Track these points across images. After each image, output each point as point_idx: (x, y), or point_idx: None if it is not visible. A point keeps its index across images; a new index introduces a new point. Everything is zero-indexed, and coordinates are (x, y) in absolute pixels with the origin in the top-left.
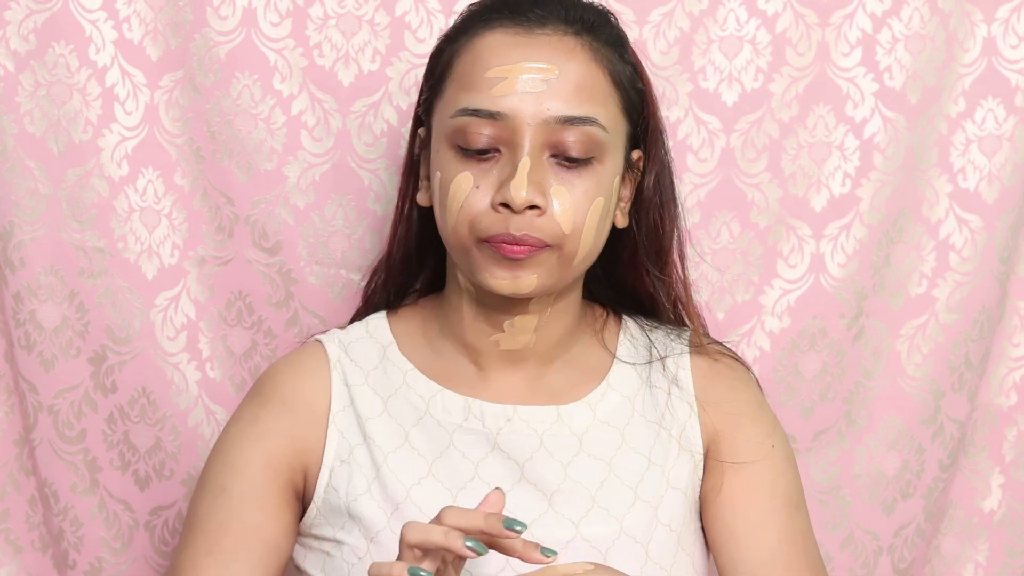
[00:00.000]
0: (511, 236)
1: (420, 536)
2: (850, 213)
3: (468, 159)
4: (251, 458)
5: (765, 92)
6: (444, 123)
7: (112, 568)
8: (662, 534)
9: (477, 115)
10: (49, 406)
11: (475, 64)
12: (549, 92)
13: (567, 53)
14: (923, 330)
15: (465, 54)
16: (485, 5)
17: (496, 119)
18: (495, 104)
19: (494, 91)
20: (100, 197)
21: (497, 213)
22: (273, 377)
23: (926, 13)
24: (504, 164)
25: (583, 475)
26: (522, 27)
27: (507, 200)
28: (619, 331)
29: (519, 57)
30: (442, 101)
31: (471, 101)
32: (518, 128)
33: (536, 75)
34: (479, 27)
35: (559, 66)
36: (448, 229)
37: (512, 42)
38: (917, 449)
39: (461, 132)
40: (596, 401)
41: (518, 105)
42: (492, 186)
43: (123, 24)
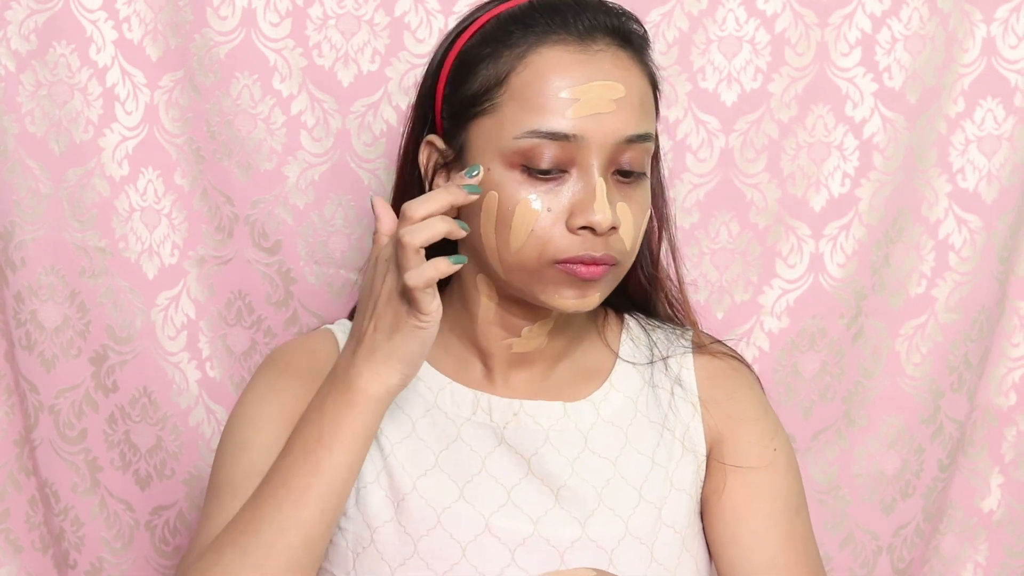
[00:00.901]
0: (592, 257)
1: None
2: (849, 213)
3: (532, 180)
4: (270, 412)
5: (764, 92)
6: (503, 143)
7: (113, 568)
8: (667, 535)
9: (552, 138)
10: (50, 406)
11: (540, 83)
12: (619, 112)
13: (626, 70)
14: (922, 330)
15: (523, 71)
16: (523, 13)
17: (569, 141)
18: (571, 127)
19: (569, 113)
20: (101, 197)
21: (575, 236)
22: (286, 353)
23: (925, 13)
24: (572, 184)
25: (589, 473)
26: (577, 41)
27: (591, 224)
28: (621, 330)
29: (586, 76)
30: (495, 119)
31: (544, 123)
32: (591, 149)
33: (605, 94)
34: (530, 40)
35: (623, 83)
36: (510, 251)
37: (574, 59)
38: (916, 449)
39: (528, 153)
40: (600, 400)
41: (592, 127)
42: (564, 208)
43: (123, 24)
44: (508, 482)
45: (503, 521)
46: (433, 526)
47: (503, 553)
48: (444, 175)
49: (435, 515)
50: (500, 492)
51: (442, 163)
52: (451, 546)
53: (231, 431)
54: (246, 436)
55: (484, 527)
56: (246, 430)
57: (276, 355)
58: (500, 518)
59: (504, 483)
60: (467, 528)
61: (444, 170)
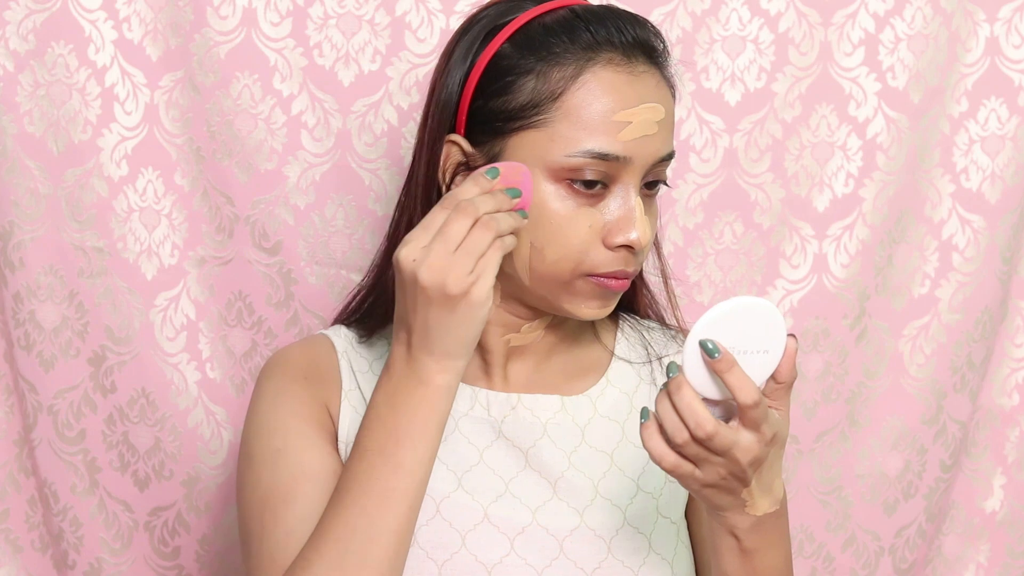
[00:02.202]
0: (625, 273)
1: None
2: (853, 213)
3: (575, 194)
4: (290, 417)
5: (768, 92)
6: (553, 158)
7: (112, 568)
8: (664, 525)
9: (604, 159)
10: (49, 406)
11: (596, 103)
12: (660, 133)
13: (662, 91)
14: (926, 330)
15: (578, 89)
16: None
17: (618, 162)
18: (623, 149)
19: (621, 135)
20: (100, 197)
21: (611, 252)
22: (286, 357)
23: (929, 13)
24: (611, 201)
25: (586, 465)
26: (623, 60)
27: (631, 243)
28: (616, 330)
29: (636, 98)
30: (546, 134)
31: (599, 145)
32: (633, 169)
33: (652, 116)
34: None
35: (663, 104)
36: (546, 262)
37: (625, 80)
38: (919, 449)
39: (578, 171)
40: (597, 395)
41: (638, 148)
42: (602, 224)
43: (123, 24)
44: (506, 474)
45: (502, 511)
46: (432, 515)
47: (502, 542)
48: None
49: (434, 504)
50: (498, 483)
51: (465, 165)
52: (451, 535)
53: (258, 442)
54: (278, 443)
55: (483, 516)
56: (276, 438)
57: (279, 361)
58: (499, 508)
59: (502, 475)
60: (466, 517)
61: (466, 173)
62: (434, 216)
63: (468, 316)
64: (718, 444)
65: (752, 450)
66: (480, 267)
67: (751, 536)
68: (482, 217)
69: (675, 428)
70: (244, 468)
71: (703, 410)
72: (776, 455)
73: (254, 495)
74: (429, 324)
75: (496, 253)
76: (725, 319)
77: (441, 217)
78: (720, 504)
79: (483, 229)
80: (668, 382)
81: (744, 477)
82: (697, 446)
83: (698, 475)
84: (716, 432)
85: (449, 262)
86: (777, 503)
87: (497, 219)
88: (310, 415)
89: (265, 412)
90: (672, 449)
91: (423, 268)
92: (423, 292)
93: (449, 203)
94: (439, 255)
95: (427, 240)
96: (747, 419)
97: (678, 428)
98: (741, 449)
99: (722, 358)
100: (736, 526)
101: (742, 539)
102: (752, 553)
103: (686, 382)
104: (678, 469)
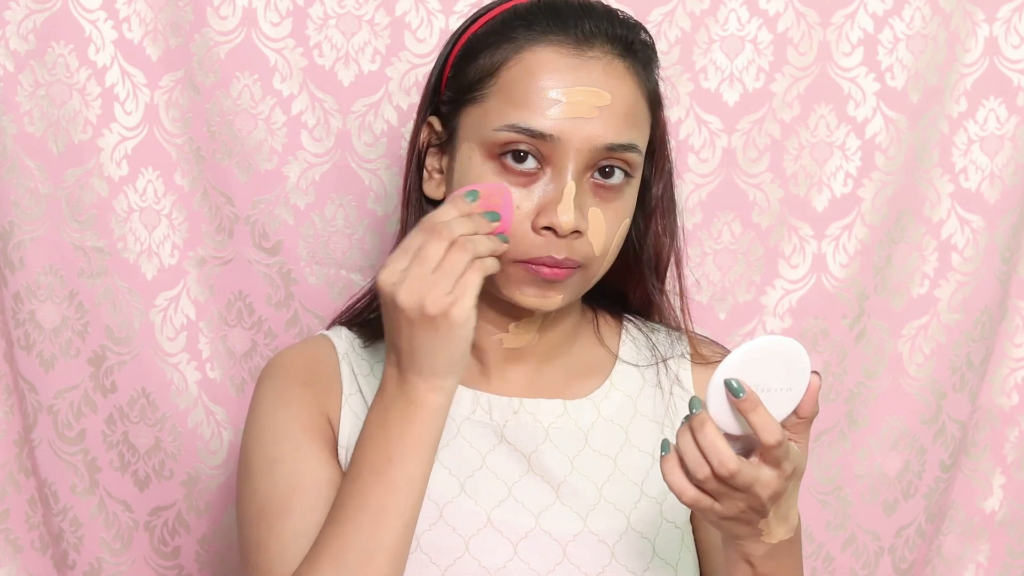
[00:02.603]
0: (553, 259)
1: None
2: (852, 213)
3: (507, 173)
4: (289, 424)
5: (766, 92)
6: (484, 132)
7: (112, 568)
8: (668, 530)
9: (528, 134)
10: (49, 406)
11: (527, 80)
12: (601, 119)
13: (618, 79)
14: (925, 330)
15: (513, 65)
16: (528, 10)
17: (545, 140)
18: (548, 126)
19: (549, 112)
20: (100, 197)
21: (538, 235)
22: (288, 360)
23: (928, 13)
24: (545, 184)
25: (589, 470)
26: (573, 45)
27: (553, 225)
28: (620, 332)
29: (573, 80)
30: (482, 109)
31: (523, 119)
32: (566, 152)
33: (590, 100)
34: (528, 37)
35: (611, 92)
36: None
37: (566, 63)
38: (919, 449)
39: (505, 147)
40: (600, 399)
41: (570, 129)
42: (533, 207)
43: (123, 24)
44: (509, 478)
45: (505, 515)
46: (435, 520)
47: (506, 547)
48: (437, 155)
49: (437, 509)
50: (501, 488)
51: (436, 143)
52: (454, 540)
53: (256, 451)
54: (275, 453)
55: (486, 521)
56: (273, 447)
57: (278, 363)
58: (502, 512)
59: (505, 479)
60: (469, 522)
61: (437, 151)
62: (412, 239)
63: (451, 336)
64: (740, 482)
65: (772, 485)
66: (459, 288)
67: (765, 563)
68: (458, 239)
69: (697, 464)
70: (242, 476)
71: (726, 448)
72: (794, 487)
73: (252, 505)
74: (414, 345)
75: (475, 275)
76: (752, 360)
77: (419, 240)
78: (737, 534)
79: (459, 251)
80: (691, 418)
81: (763, 511)
82: (718, 483)
83: (718, 508)
84: (739, 471)
85: (426, 284)
86: (792, 530)
87: (474, 241)
88: (309, 423)
89: (263, 419)
90: (693, 484)
91: (401, 290)
92: (403, 314)
93: (426, 226)
94: (416, 277)
95: (405, 263)
96: (769, 457)
97: (700, 464)
98: (762, 485)
99: (747, 398)
100: (751, 554)
101: (756, 566)
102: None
103: (709, 419)
104: (698, 504)
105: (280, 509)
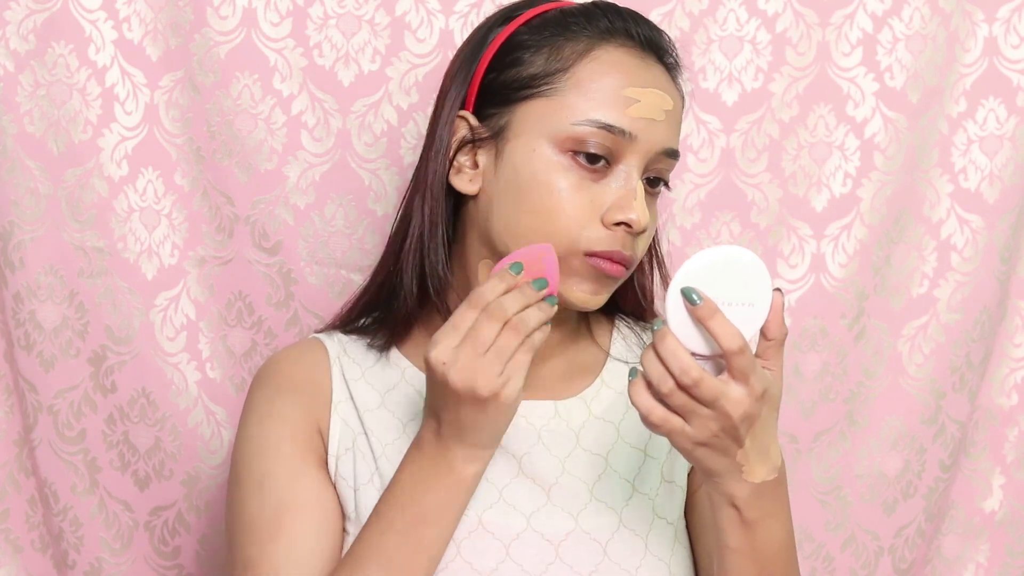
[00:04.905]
0: (620, 255)
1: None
2: (851, 213)
3: (578, 167)
4: (280, 439)
5: (765, 92)
6: (558, 127)
7: (112, 568)
8: (660, 527)
9: (609, 131)
10: (49, 406)
11: (607, 77)
12: (667, 123)
13: (670, 84)
14: (924, 330)
15: (589, 62)
16: (585, 11)
17: (623, 138)
18: (629, 124)
19: (630, 111)
20: (100, 197)
21: (608, 231)
22: (278, 365)
23: (927, 13)
24: (612, 181)
25: (580, 470)
26: (639, 47)
27: (630, 221)
28: (611, 330)
29: (646, 81)
30: (553, 103)
31: (607, 116)
32: (638, 151)
33: (660, 103)
34: (595, 36)
35: (672, 98)
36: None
37: (634, 63)
38: (918, 449)
39: (583, 141)
40: (591, 397)
41: (645, 130)
42: (601, 200)
43: (123, 24)
44: (499, 482)
45: (496, 517)
46: None
47: (497, 548)
48: (471, 152)
49: None
50: (492, 491)
51: (471, 140)
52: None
53: (246, 465)
54: (264, 468)
55: (477, 523)
56: (263, 463)
57: (269, 371)
58: (493, 514)
59: (495, 482)
60: (460, 525)
61: (471, 148)
62: (462, 316)
63: (499, 414)
64: (705, 392)
65: (742, 403)
66: (510, 369)
67: (751, 506)
68: (511, 319)
69: (660, 377)
70: (233, 486)
71: (687, 356)
72: (769, 415)
73: (241, 519)
74: (461, 420)
75: (526, 355)
76: (708, 269)
77: (469, 318)
78: (716, 468)
79: (512, 333)
80: (654, 334)
81: (737, 435)
82: (684, 395)
83: (688, 431)
84: (702, 378)
85: (479, 365)
86: (776, 471)
87: (526, 320)
88: (299, 436)
89: (254, 431)
90: (660, 401)
91: (453, 371)
92: (453, 393)
93: (477, 303)
94: (469, 358)
95: (456, 341)
96: (734, 369)
97: (663, 377)
98: (731, 402)
99: (704, 305)
100: (735, 495)
101: (742, 509)
102: (753, 524)
103: (670, 332)
104: (667, 423)
105: (271, 529)
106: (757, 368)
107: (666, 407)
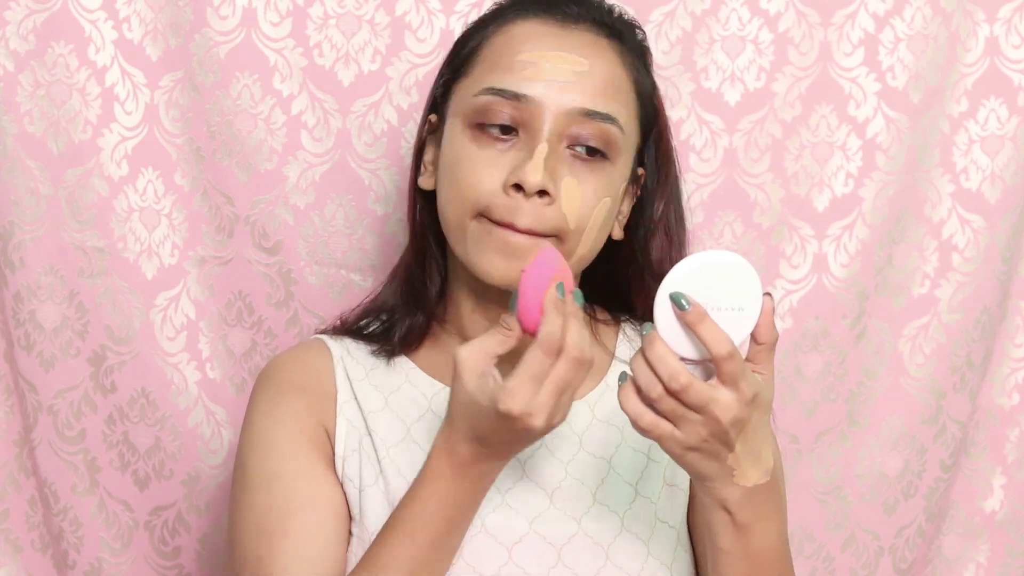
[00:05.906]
0: (513, 226)
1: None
2: (852, 213)
3: (484, 138)
4: (285, 437)
5: (767, 92)
6: (465, 102)
7: (112, 568)
8: (662, 531)
9: (502, 95)
10: (49, 406)
11: (506, 48)
12: (577, 83)
13: (599, 50)
14: (925, 330)
15: (496, 38)
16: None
17: (520, 101)
18: (522, 87)
19: (523, 73)
20: (100, 197)
21: (507, 196)
22: (281, 366)
23: (928, 13)
24: (520, 148)
25: (583, 474)
26: (557, 21)
27: (520, 181)
28: (617, 332)
29: (551, 46)
30: (465, 82)
31: (497, 81)
32: (540, 113)
33: (566, 64)
34: (513, 15)
35: (589, 60)
36: (450, 202)
37: (546, 31)
38: (919, 449)
39: (482, 111)
40: (595, 400)
41: (544, 91)
42: (505, 168)
43: (123, 24)
44: (502, 485)
45: (498, 520)
46: None
47: (500, 552)
48: (432, 148)
49: None
50: (495, 494)
51: (431, 132)
52: None
53: (253, 465)
54: (272, 467)
55: (480, 526)
56: (270, 461)
57: (272, 371)
58: (495, 518)
59: (498, 486)
60: None
61: (432, 144)
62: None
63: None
64: (694, 398)
65: (732, 408)
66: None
67: (743, 509)
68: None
69: (649, 382)
70: (238, 486)
71: (675, 362)
72: (760, 420)
73: (248, 519)
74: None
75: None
76: (697, 273)
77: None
78: (706, 472)
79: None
80: (643, 339)
81: (727, 439)
82: (673, 400)
83: (678, 436)
84: (690, 384)
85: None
86: (768, 474)
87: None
88: (305, 435)
89: (260, 430)
90: (649, 407)
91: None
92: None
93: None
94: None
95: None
96: (724, 374)
97: (652, 382)
98: (720, 407)
99: (692, 310)
100: (727, 499)
101: (734, 513)
102: (746, 527)
103: (659, 337)
104: (656, 428)
105: (280, 527)
106: (747, 373)
107: (656, 412)
